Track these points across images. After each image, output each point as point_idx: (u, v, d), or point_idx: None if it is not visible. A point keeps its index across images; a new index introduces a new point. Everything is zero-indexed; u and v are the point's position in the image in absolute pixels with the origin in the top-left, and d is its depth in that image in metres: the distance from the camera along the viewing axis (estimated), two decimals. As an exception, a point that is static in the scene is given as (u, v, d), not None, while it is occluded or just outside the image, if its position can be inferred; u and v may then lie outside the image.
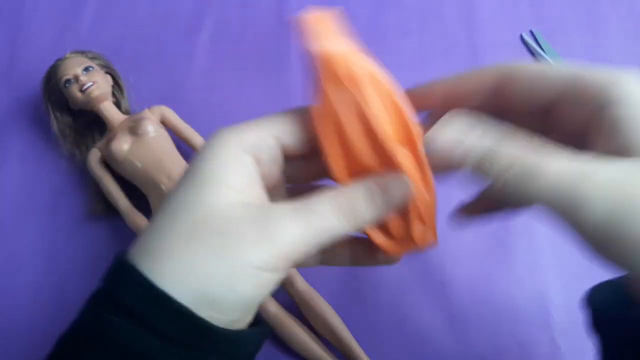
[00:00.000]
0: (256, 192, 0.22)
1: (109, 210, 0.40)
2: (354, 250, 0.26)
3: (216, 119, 0.44)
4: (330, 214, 0.21)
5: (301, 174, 0.25)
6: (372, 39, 0.47)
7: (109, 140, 0.39)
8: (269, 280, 0.21)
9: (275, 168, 0.23)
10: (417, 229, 0.24)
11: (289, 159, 0.24)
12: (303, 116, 0.23)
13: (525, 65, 0.23)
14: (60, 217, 0.41)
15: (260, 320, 0.24)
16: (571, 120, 0.23)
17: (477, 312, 0.37)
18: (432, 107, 0.26)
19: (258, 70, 0.46)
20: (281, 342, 0.36)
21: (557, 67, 0.23)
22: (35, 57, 0.47)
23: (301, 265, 0.26)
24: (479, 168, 0.21)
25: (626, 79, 0.21)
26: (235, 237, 0.20)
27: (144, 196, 0.39)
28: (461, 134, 0.22)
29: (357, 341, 0.36)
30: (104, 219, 0.41)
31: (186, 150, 0.41)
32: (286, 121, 0.23)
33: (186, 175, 0.22)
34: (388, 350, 0.37)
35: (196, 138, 0.41)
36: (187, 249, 0.20)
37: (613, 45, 0.46)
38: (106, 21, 0.48)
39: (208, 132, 0.42)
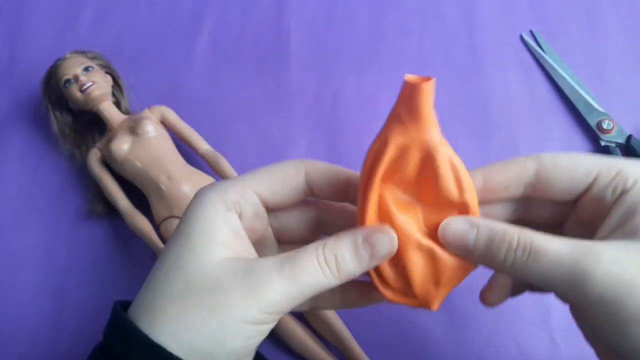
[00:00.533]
0: (243, 248, 0.23)
1: (109, 210, 0.40)
2: (346, 295, 0.27)
3: (216, 118, 0.44)
4: (315, 268, 0.22)
5: (289, 225, 0.27)
6: (372, 39, 0.47)
7: (109, 140, 0.39)
8: (258, 333, 0.22)
9: (259, 222, 0.25)
10: (427, 289, 0.24)
11: (274, 211, 0.26)
12: (283, 170, 0.25)
13: (561, 155, 0.24)
14: (60, 217, 0.41)
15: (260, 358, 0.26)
16: (595, 207, 0.24)
17: (477, 311, 0.37)
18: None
19: (258, 70, 0.46)
20: (281, 342, 0.36)
21: (590, 156, 0.24)
22: (35, 57, 0.47)
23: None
24: (489, 248, 0.22)
25: None
26: (224, 296, 0.21)
27: (144, 196, 0.39)
28: (471, 221, 0.23)
29: (357, 341, 0.36)
30: (104, 218, 0.41)
31: (186, 150, 0.41)
32: (267, 176, 0.24)
33: (176, 234, 0.23)
34: (388, 350, 0.37)
35: (196, 138, 0.41)
36: (179, 308, 0.21)
37: (613, 45, 0.46)
38: (106, 21, 0.48)
39: (208, 132, 0.42)
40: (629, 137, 0.41)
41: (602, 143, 0.42)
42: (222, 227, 0.23)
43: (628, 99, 0.44)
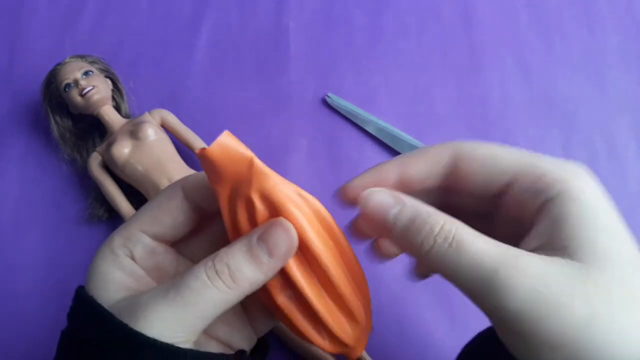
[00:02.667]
0: (145, 287, 0.23)
1: (110, 214, 0.40)
2: (256, 323, 0.26)
3: (216, 121, 0.44)
4: (204, 283, 0.20)
5: (201, 250, 0.25)
6: (370, 40, 0.47)
7: (110, 144, 0.39)
8: None
9: (160, 258, 0.24)
10: (343, 327, 0.23)
11: (184, 241, 0.25)
12: (161, 199, 0.24)
13: (479, 146, 0.23)
14: (61, 222, 0.41)
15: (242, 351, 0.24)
16: (518, 208, 0.22)
17: (478, 311, 0.37)
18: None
19: (257, 72, 0.46)
20: (281, 342, 0.36)
21: (511, 152, 0.22)
22: (34, 62, 0.47)
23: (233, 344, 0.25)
24: (408, 228, 0.21)
25: (578, 175, 0.21)
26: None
27: (145, 200, 0.39)
28: (398, 197, 0.22)
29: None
30: (105, 223, 0.41)
31: (187, 153, 0.41)
32: (149, 212, 0.24)
33: (79, 290, 0.23)
34: (389, 350, 0.37)
35: (196, 141, 0.41)
36: None
37: (610, 43, 0.46)
38: (105, 25, 0.48)
39: (208, 135, 0.42)
40: None
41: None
42: (114, 275, 0.22)
43: (628, 98, 0.44)
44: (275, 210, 0.21)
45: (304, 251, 0.22)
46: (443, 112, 0.44)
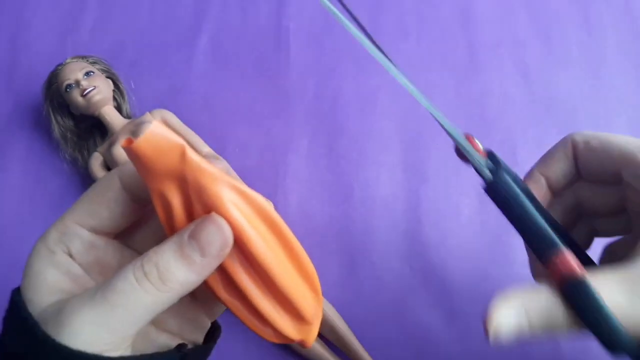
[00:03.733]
0: (78, 285, 0.21)
1: (111, 213, 0.41)
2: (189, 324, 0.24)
3: (216, 121, 0.44)
4: (132, 285, 0.19)
5: (147, 243, 0.23)
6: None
7: (111, 145, 0.40)
8: None
9: (101, 252, 0.22)
10: (287, 323, 0.22)
11: (129, 234, 0.23)
12: (96, 190, 0.22)
13: (592, 136, 0.25)
14: (62, 221, 0.41)
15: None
16: (633, 198, 0.24)
17: (478, 310, 0.38)
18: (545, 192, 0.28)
19: (258, 73, 0.46)
20: (283, 343, 0.37)
21: (621, 139, 0.24)
22: (36, 62, 0.47)
23: None
24: None
25: None
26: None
27: (146, 199, 0.39)
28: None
29: (358, 341, 0.36)
30: (106, 222, 0.41)
31: (187, 153, 0.42)
32: (85, 204, 0.22)
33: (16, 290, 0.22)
34: (389, 349, 0.37)
35: (197, 141, 0.41)
36: None
37: (609, 43, 0.46)
38: (106, 26, 0.48)
39: (209, 135, 0.43)
40: None
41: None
42: (48, 273, 0.21)
43: (627, 97, 0.44)
44: (208, 207, 0.20)
45: (242, 248, 0.20)
46: (443, 112, 0.44)
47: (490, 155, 0.25)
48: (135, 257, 0.22)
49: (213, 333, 0.26)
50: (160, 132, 0.18)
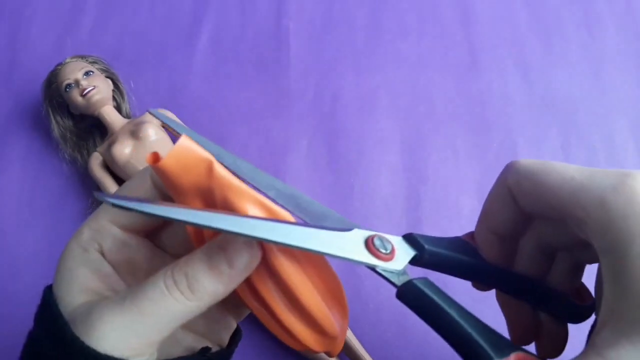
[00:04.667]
0: (106, 285, 0.22)
1: (111, 213, 0.41)
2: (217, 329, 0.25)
3: (216, 121, 0.44)
4: (162, 293, 0.19)
5: (176, 242, 0.24)
6: (370, 40, 0.47)
7: (110, 144, 0.40)
8: None
9: (133, 251, 0.22)
10: (310, 337, 0.22)
11: (158, 232, 0.23)
12: (127, 187, 0.22)
13: (525, 175, 0.22)
14: (62, 221, 0.41)
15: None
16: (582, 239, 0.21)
17: (479, 310, 0.37)
18: (496, 247, 0.26)
19: (257, 73, 0.46)
20: (284, 343, 0.37)
21: (556, 179, 0.21)
22: (35, 62, 0.47)
23: None
24: None
25: (622, 215, 0.18)
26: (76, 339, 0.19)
27: (146, 199, 0.39)
28: None
29: (358, 341, 0.36)
30: (106, 222, 0.41)
31: (187, 153, 0.42)
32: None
33: (48, 288, 0.22)
34: (390, 350, 0.37)
35: (197, 141, 0.41)
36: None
37: (609, 43, 0.46)
38: (106, 26, 0.48)
39: (209, 135, 0.42)
40: None
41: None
42: (79, 272, 0.21)
43: (626, 97, 0.44)
44: None
45: (268, 264, 0.21)
46: (443, 112, 0.44)
47: (410, 239, 0.23)
48: (165, 259, 0.23)
49: (234, 336, 0.26)
50: (188, 147, 0.18)
